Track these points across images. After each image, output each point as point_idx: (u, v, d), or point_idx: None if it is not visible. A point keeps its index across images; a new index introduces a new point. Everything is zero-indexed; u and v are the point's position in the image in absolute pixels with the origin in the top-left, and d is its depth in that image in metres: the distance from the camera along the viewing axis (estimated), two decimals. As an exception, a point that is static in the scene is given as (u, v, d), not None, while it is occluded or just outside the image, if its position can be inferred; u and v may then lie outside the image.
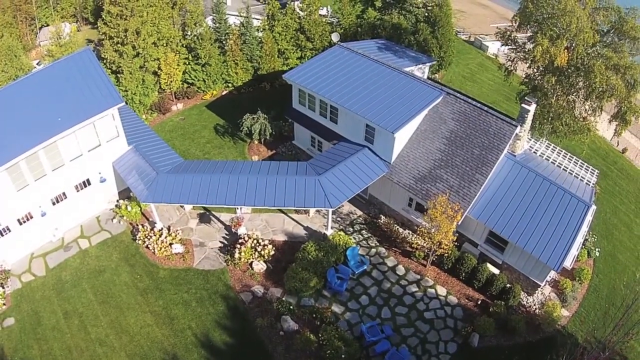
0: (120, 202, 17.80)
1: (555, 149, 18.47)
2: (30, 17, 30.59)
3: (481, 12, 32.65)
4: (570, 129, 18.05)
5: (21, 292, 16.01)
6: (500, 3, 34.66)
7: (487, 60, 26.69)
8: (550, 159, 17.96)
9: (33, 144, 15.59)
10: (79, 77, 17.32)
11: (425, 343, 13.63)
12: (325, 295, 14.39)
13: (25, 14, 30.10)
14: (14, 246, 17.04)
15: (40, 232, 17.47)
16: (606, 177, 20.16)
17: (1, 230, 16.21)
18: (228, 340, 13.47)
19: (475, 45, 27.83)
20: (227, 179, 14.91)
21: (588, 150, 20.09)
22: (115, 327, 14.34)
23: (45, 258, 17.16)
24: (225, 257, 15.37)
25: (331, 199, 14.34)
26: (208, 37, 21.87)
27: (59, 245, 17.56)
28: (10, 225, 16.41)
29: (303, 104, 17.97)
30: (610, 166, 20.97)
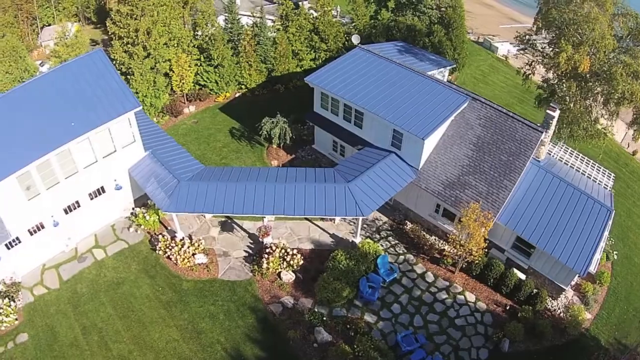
0: (137, 210, 16.79)
1: (573, 153, 18.48)
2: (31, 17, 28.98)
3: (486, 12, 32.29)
4: (587, 133, 18.09)
5: (34, 306, 14.98)
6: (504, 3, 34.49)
7: (497, 61, 26.38)
8: (568, 163, 17.94)
9: (45, 151, 14.50)
10: (91, 79, 16.17)
11: (458, 350, 13.34)
12: (356, 304, 13.91)
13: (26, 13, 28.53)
14: (24, 257, 15.93)
15: (52, 243, 16.36)
16: (618, 180, 20.19)
17: (11, 241, 15.06)
18: (260, 354, 12.83)
19: (484, 46, 27.53)
20: (254, 187, 14.15)
21: (595, 151, 20.25)
22: (139, 342, 13.44)
23: (59, 269, 16.10)
24: (251, 267, 14.64)
25: (362, 207, 13.82)
26: (221, 37, 20.89)
27: (72, 256, 16.47)
28: (21, 236, 15.30)
29: (325, 108, 17.31)
30: (621, 168, 21.12)
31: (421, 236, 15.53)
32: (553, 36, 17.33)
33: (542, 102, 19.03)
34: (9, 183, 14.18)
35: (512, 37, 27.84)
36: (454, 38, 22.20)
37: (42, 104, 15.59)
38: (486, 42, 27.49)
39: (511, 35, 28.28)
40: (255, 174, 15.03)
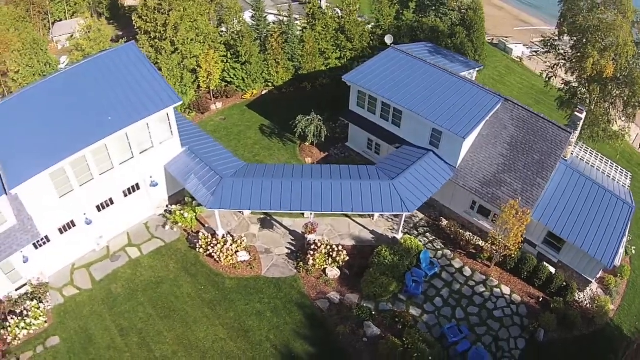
0: (173, 207, 16.60)
1: (593, 153, 19.50)
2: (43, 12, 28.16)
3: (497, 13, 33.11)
4: (607, 134, 19.16)
5: (65, 308, 14.48)
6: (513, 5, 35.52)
7: (512, 63, 27.19)
8: (589, 162, 18.95)
9: (80, 146, 14.04)
10: (126, 72, 15.81)
11: (498, 340, 13.89)
12: (401, 299, 14.28)
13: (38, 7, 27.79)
14: (53, 257, 15.47)
15: (82, 241, 15.92)
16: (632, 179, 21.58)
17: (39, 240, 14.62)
18: (310, 350, 12.94)
19: (499, 47, 28.33)
20: (300, 183, 14.27)
21: (615, 153, 21.40)
22: (183, 343, 13.17)
23: (90, 269, 15.65)
24: (295, 264, 14.77)
25: (408, 204, 14.18)
26: (249, 34, 20.82)
27: (104, 255, 16.04)
28: (50, 235, 14.91)
29: (362, 106, 17.57)
30: (634, 168, 22.21)
31: (458, 232, 16.11)
32: (575, 41, 18.27)
33: (564, 104, 20.02)
34: (41, 180, 13.78)
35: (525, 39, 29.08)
36: (475, 40, 22.92)
37: (76, 96, 15.14)
38: (501, 43, 28.35)
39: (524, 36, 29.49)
40: (298, 170, 15.13)
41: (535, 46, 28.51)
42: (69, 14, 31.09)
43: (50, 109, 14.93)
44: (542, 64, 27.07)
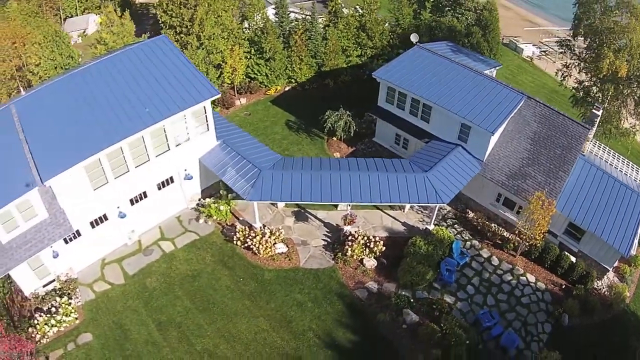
0: (207, 200, 16.87)
1: (605, 149, 20.63)
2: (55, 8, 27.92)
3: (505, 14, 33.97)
4: (619, 132, 20.32)
5: (96, 304, 14.41)
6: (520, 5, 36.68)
7: (523, 62, 28.16)
8: (602, 158, 20.06)
9: (118, 138, 14.07)
10: (160, 65, 15.93)
11: (526, 325, 14.72)
12: (435, 287, 14.95)
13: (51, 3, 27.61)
14: (83, 252, 15.46)
15: (113, 236, 15.99)
16: None
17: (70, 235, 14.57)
18: (352, 338, 13.41)
19: (510, 47, 29.32)
20: (339, 176, 14.77)
21: (623, 149, 22.61)
22: (225, 335, 13.33)
23: (122, 264, 15.65)
24: (332, 255, 15.26)
25: (442, 195, 14.86)
26: (273, 31, 21.21)
27: (136, 249, 16.07)
28: (82, 229, 14.99)
29: (391, 102, 18.21)
30: (641, 164, 23.77)
31: (485, 224, 16.90)
32: (590, 42, 19.32)
33: (578, 102, 21.10)
34: (76, 172, 13.79)
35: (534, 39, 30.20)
36: (490, 40, 23.83)
37: (110, 87, 15.15)
38: (511, 43, 29.37)
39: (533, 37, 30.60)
40: (335, 163, 15.65)
41: (544, 46, 29.74)
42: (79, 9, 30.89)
43: (85, 100, 14.90)
44: (551, 63, 28.34)
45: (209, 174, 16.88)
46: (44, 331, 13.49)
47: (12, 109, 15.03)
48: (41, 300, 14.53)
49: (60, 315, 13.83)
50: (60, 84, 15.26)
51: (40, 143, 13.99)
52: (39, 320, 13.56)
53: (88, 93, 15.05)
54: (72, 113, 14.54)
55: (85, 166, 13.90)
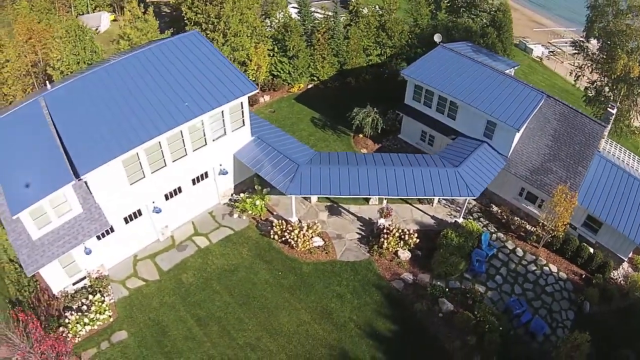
0: (241, 196, 17.29)
1: (617, 146, 21.93)
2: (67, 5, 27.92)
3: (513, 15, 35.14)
4: (629, 130, 21.66)
5: (130, 301, 14.45)
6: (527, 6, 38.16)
7: (533, 62, 29.45)
8: (615, 154, 21.37)
9: (158, 132, 14.24)
10: (196, 60, 16.24)
11: (552, 312, 15.76)
12: (467, 277, 15.82)
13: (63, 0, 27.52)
14: (115, 248, 15.56)
15: (146, 231, 16.17)
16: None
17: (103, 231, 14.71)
18: (391, 327, 14.08)
19: (520, 47, 30.62)
20: (375, 170, 15.52)
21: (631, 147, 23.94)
22: (267, 328, 13.65)
23: (155, 260, 15.81)
24: (367, 247, 15.95)
25: (472, 189, 15.74)
26: (297, 29, 21.81)
27: (169, 245, 16.29)
28: (115, 225, 15.15)
29: (417, 100, 19.05)
30: (647, 160, 25.23)
31: (509, 217, 17.89)
32: (602, 44, 20.57)
33: (591, 101, 22.38)
34: (114, 166, 13.91)
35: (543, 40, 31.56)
36: (504, 40, 24.96)
37: (146, 80, 15.30)
38: (521, 43, 30.68)
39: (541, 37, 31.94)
40: (369, 158, 16.40)
41: (552, 46, 31.16)
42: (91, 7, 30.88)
43: (120, 93, 14.96)
44: (559, 63, 29.76)
45: (242, 170, 17.34)
46: (75, 330, 13.41)
47: (41, 102, 14.96)
48: (71, 298, 14.45)
49: (94, 313, 13.78)
50: (92, 77, 15.31)
51: (74, 136, 14.04)
52: (71, 319, 13.50)
53: (122, 86, 15.16)
54: (107, 106, 14.65)
55: (123, 160, 14.01)
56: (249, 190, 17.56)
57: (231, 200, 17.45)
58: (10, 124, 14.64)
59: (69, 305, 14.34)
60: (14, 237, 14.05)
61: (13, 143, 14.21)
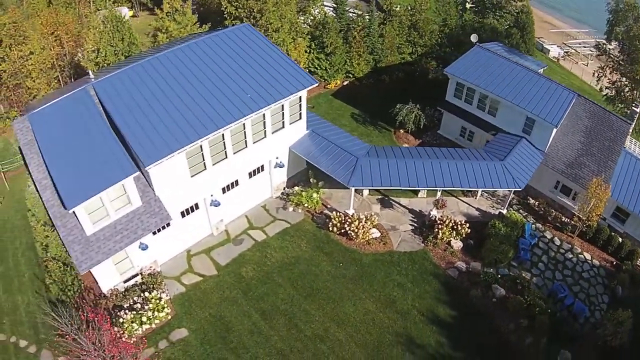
0: (295, 189, 17.98)
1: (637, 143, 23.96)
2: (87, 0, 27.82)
3: (528, 16, 38.04)
4: (649, 128, 23.79)
5: (188, 297, 14.51)
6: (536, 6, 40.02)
7: (550, 62, 31.38)
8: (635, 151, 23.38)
9: (224, 123, 14.42)
10: (252, 52, 16.71)
11: (589, 296, 17.43)
12: (513, 265, 17.21)
13: None
14: (168, 244, 15.58)
15: (201, 226, 16.35)
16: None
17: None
18: (451, 313, 15.20)
19: (537, 48, 32.61)
20: (430, 163, 16.67)
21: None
22: (334, 319, 14.19)
23: (210, 254, 15.98)
24: (421, 238, 17.06)
25: (518, 181, 17.20)
26: (334, 26, 22.74)
27: (224, 239, 16.56)
28: (172, 219, 15.08)
29: (459, 97, 20.39)
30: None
31: (546, 209, 19.46)
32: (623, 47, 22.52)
33: (611, 100, 24.38)
34: (177, 158, 13.92)
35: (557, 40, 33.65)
36: (527, 41, 26.74)
37: (205, 72, 15.52)
38: (538, 44, 32.73)
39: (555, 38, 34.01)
40: (421, 152, 17.59)
41: (567, 47, 33.35)
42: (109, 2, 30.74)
43: (178, 84, 15.02)
44: (574, 64, 31.92)
45: (295, 163, 18.07)
46: (131, 330, 13.23)
47: (90, 91, 14.99)
48: (123, 296, 14.23)
49: (151, 311, 13.61)
50: (145, 66, 15.35)
51: (134, 127, 13.95)
52: (126, 319, 13.36)
53: (179, 76, 15.30)
54: (166, 96, 14.72)
55: (187, 152, 14.10)
56: (300, 183, 18.32)
57: (283, 194, 18.10)
58: (58, 113, 14.56)
59: (119, 304, 14.21)
60: (64, 232, 13.83)
61: (62, 133, 14.08)
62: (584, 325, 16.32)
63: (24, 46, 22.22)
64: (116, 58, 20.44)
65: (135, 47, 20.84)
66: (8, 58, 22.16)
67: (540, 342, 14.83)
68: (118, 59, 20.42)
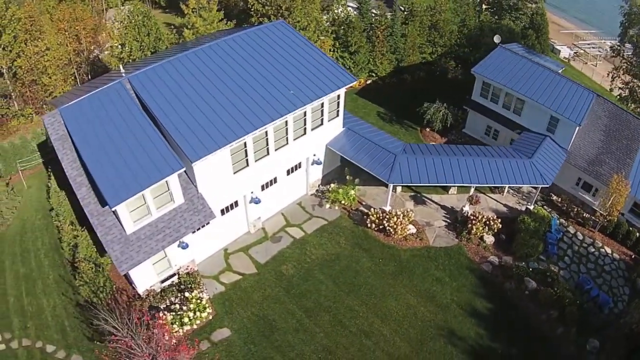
0: (331, 186, 18.49)
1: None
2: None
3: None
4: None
5: (228, 296, 14.59)
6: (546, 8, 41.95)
7: (562, 63, 32.46)
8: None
9: (271, 119, 14.54)
10: (289, 49, 17.04)
11: (612, 288, 18.61)
12: (541, 258, 18.25)
13: None
14: (206, 242, 15.62)
15: (238, 223, 16.50)
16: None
17: None
18: (488, 305, 15.98)
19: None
20: (464, 160, 17.54)
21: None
22: (377, 314, 14.66)
23: (248, 252, 16.16)
24: (454, 234, 17.87)
25: (546, 177, 18.23)
26: (359, 26, 23.40)
27: (261, 237, 16.84)
28: None
29: (485, 97, 21.34)
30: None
31: (569, 204, 20.58)
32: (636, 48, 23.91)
33: (624, 100, 25.77)
34: (222, 154, 13.89)
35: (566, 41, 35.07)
36: (542, 42, 27.93)
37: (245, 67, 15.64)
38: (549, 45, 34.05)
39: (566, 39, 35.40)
40: (456, 150, 18.43)
41: (576, 48, 34.84)
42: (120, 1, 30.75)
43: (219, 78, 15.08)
44: (583, 64, 33.38)
45: (330, 161, 18.65)
46: (172, 331, 13.03)
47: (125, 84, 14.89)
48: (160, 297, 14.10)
49: (192, 311, 13.55)
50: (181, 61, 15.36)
51: (175, 122, 13.93)
52: (166, 320, 13.16)
53: (219, 71, 15.36)
54: (207, 90, 14.79)
55: (231, 148, 14.11)
56: (334, 180, 18.91)
57: (318, 191, 18.64)
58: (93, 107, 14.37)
59: (156, 305, 14.10)
60: (102, 231, 13.72)
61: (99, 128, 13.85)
62: (608, 315, 17.46)
63: (40, 42, 22.20)
64: (142, 53, 20.61)
65: (162, 43, 21.06)
66: (24, 54, 22.12)
67: (570, 332, 15.86)
68: (144, 55, 20.61)
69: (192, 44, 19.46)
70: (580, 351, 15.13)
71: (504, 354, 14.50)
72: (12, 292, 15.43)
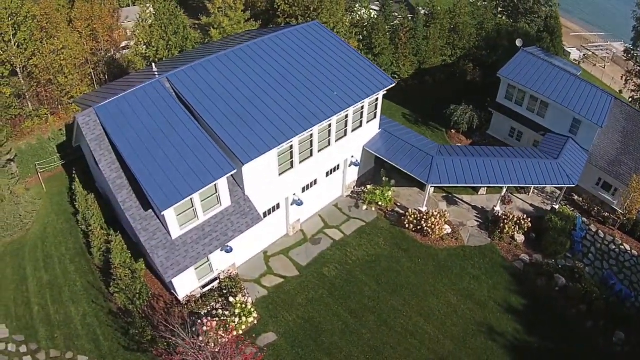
0: (368, 188, 19.29)
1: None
2: None
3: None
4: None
5: (271, 300, 14.87)
6: None
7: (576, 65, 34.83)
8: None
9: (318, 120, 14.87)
10: (328, 50, 17.60)
11: (632, 283, 20.23)
12: (568, 256, 19.66)
13: None
14: (246, 245, 15.68)
15: (278, 225, 16.89)
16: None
17: None
18: (523, 301, 17.05)
19: (557, 52, 36.00)
20: (497, 162, 18.71)
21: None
22: (421, 313, 15.37)
23: (289, 255, 16.59)
24: (487, 233, 19.00)
25: (572, 178, 19.61)
26: (382, 27, 24.38)
27: (301, 239, 17.33)
28: None
29: (509, 99, 22.65)
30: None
31: (590, 204, 22.07)
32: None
33: (637, 101, 27.60)
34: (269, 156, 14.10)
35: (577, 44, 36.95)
36: (556, 45, 29.53)
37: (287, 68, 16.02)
38: (559, 48, 35.95)
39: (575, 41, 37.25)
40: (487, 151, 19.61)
41: (585, 50, 36.78)
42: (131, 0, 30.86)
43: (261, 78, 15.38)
44: (592, 66, 35.30)
45: (366, 162, 19.48)
46: (217, 338, 12.83)
47: (164, 84, 14.88)
48: (202, 303, 14.17)
49: (238, 316, 13.58)
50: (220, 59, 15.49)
51: (223, 122, 13.99)
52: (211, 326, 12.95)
53: (261, 71, 15.66)
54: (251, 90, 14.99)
55: (279, 150, 14.36)
56: (369, 182, 19.80)
57: (354, 193, 19.47)
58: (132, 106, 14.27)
59: (196, 312, 14.12)
60: (146, 237, 13.61)
61: (141, 128, 13.74)
62: (630, 309, 18.99)
63: (56, 40, 22.32)
64: (168, 52, 20.89)
65: (189, 42, 21.45)
66: (39, 52, 22.22)
67: (599, 325, 17.25)
68: (171, 54, 20.89)
69: (220, 44, 19.87)
70: (608, 343, 16.48)
71: (541, 348, 15.67)
72: (36, 300, 15.28)
